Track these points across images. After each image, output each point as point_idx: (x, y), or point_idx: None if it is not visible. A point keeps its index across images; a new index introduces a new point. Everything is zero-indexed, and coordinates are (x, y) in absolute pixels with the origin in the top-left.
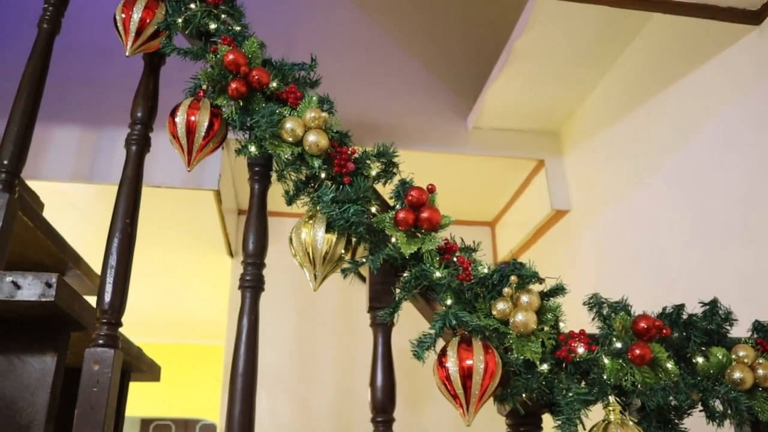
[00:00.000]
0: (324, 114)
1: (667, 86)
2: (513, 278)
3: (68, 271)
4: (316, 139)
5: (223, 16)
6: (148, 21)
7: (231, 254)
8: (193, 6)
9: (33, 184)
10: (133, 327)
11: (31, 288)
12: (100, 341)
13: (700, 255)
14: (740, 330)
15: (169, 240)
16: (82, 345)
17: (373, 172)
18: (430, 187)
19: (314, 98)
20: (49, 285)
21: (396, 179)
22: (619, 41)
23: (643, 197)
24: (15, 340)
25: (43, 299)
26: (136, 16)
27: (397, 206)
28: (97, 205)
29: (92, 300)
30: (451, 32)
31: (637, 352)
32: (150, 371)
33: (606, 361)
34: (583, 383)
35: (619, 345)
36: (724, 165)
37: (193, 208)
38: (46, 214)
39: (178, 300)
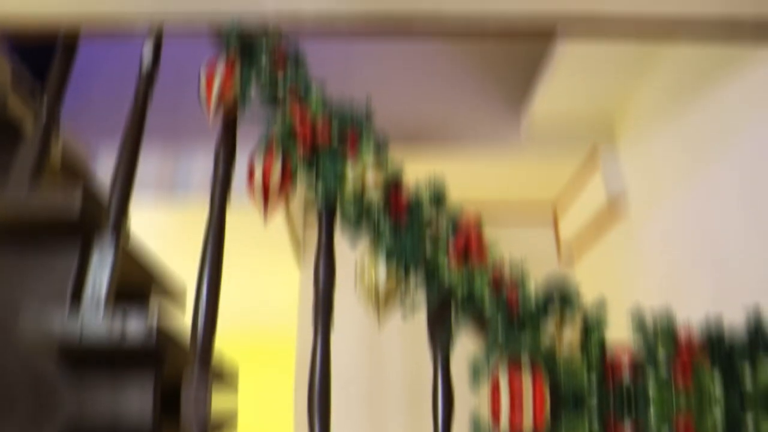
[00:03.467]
0: (379, 162)
1: (717, 79)
2: (558, 306)
3: (155, 288)
4: (374, 184)
5: (289, 70)
6: (226, 85)
7: (299, 265)
8: (263, 66)
9: None
10: None
11: (137, 331)
12: (195, 380)
13: (759, 254)
14: None
15: (241, 253)
16: (174, 367)
17: (426, 208)
18: (477, 219)
19: (371, 143)
20: (151, 328)
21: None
22: None
23: (699, 191)
24: (119, 373)
25: (147, 341)
26: (217, 80)
27: (449, 239)
28: (174, 223)
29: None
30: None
31: (680, 377)
32: (230, 381)
33: (651, 381)
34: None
35: (663, 365)
36: None
37: (262, 227)
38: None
39: (246, 299)
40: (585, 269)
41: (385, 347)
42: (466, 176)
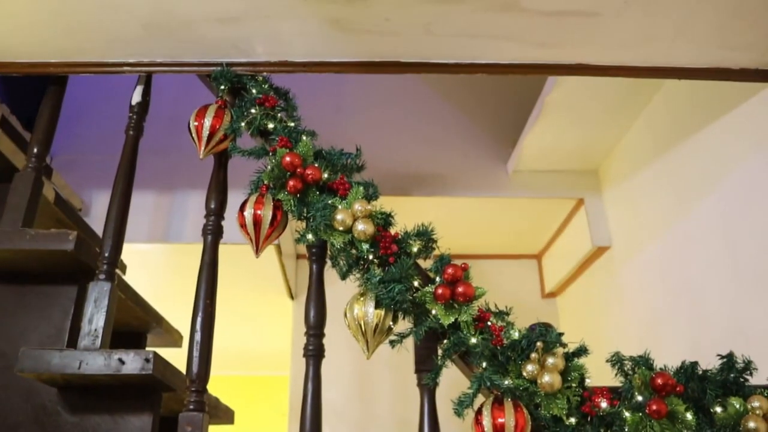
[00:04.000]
0: (369, 206)
1: (692, 133)
2: (539, 344)
3: (152, 330)
4: (364, 228)
5: (279, 114)
6: (217, 127)
7: (291, 296)
8: (253, 111)
9: None
10: None
11: (133, 363)
12: (191, 406)
13: (733, 297)
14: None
15: (234, 286)
16: (172, 401)
17: (415, 249)
18: (463, 265)
19: (361, 188)
20: (147, 360)
21: (435, 253)
22: (646, 89)
23: (677, 237)
24: (119, 402)
25: (143, 372)
26: (207, 123)
27: (437, 280)
28: (171, 261)
29: (171, 351)
30: (489, 82)
31: (654, 407)
32: (225, 416)
33: (627, 414)
34: None
35: (639, 399)
36: (751, 211)
37: (255, 259)
38: (128, 271)
39: (243, 337)
40: (567, 302)
41: (376, 379)
42: (454, 228)
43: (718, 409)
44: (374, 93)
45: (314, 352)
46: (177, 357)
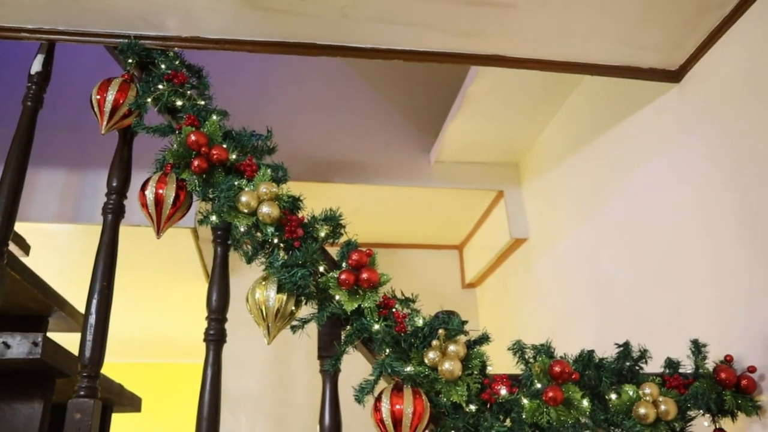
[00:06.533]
0: (275, 189)
1: (606, 129)
2: (441, 331)
3: (54, 313)
4: (268, 211)
5: (189, 92)
6: (121, 101)
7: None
8: (161, 86)
9: (20, 226)
10: (117, 348)
11: (19, 347)
12: (82, 392)
13: (637, 289)
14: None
15: (150, 271)
16: (67, 387)
17: (322, 234)
18: (368, 251)
19: (268, 171)
20: (35, 344)
21: (343, 239)
22: (566, 85)
23: (589, 231)
24: (5, 389)
25: (31, 357)
26: (110, 97)
27: (343, 265)
28: (80, 243)
29: (75, 337)
30: (414, 71)
31: (550, 394)
32: (131, 404)
33: (525, 401)
34: (508, 421)
35: (538, 386)
36: (653, 209)
37: (171, 244)
38: (33, 253)
39: (160, 323)
40: (486, 292)
41: (293, 367)
42: (376, 216)
43: (613, 396)
44: (299, 78)
45: (215, 337)
46: None
